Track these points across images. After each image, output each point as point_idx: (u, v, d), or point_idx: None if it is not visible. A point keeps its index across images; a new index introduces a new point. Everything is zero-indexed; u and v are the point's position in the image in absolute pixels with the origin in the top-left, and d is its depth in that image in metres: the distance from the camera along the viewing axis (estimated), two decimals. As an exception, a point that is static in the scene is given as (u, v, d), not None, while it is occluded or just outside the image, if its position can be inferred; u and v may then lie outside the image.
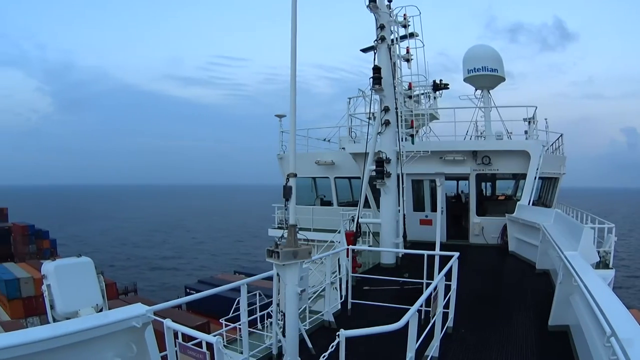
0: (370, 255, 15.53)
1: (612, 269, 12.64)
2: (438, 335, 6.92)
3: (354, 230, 15.05)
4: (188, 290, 29.41)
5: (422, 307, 6.06)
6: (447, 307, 7.89)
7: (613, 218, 18.14)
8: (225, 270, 47.91)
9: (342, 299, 9.93)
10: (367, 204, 17.68)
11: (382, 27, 14.86)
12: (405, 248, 14.64)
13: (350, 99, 20.16)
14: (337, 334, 4.66)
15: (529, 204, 16.71)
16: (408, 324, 5.13)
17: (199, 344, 4.98)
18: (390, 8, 15.25)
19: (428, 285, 6.85)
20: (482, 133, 21.71)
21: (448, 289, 7.95)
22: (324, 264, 9.62)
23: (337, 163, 20.50)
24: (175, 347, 4.98)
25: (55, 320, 5.81)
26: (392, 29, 15.39)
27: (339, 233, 14.96)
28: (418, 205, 18.95)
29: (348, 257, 10.07)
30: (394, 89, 15.09)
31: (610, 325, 4.33)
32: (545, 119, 19.51)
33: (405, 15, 15.70)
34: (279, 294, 6.17)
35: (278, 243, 5.70)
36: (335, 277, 9.99)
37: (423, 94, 19.55)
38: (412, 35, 16.00)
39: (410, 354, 5.35)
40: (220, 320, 8.79)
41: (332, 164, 20.59)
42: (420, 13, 15.75)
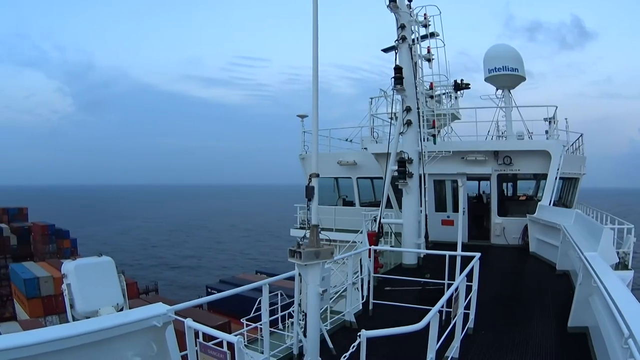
0: (392, 256, 15.43)
1: (631, 270, 12.43)
2: (458, 337, 6.85)
3: (376, 231, 14.92)
4: (209, 290, 29.49)
5: (443, 308, 6.01)
6: (467, 308, 7.82)
7: (632, 219, 17.73)
8: (247, 270, 48.04)
9: (363, 300, 9.86)
10: (389, 204, 17.58)
11: (402, 26, 14.71)
12: (427, 248, 14.47)
13: (372, 99, 20.05)
14: (358, 335, 4.63)
15: (550, 205, 16.49)
16: (429, 325, 5.10)
17: (220, 344, 4.95)
18: (411, 8, 15.08)
19: (449, 286, 6.92)
20: (503, 133, 21.45)
21: (469, 290, 7.83)
22: (346, 264, 9.53)
23: (359, 163, 20.37)
24: (196, 346, 4.93)
25: (75, 319, 5.78)
26: (412, 29, 15.20)
27: (361, 233, 14.80)
28: (440, 206, 18.73)
29: (370, 257, 10.02)
30: (416, 89, 14.93)
31: (629, 327, 4.21)
32: (566, 119, 19.29)
33: (426, 15, 15.53)
34: (301, 294, 6.11)
35: (300, 243, 5.67)
36: (357, 277, 9.93)
37: (444, 94, 19.32)
38: (432, 35, 15.83)
39: (431, 355, 5.31)
40: (242, 320, 8.70)
41: (354, 164, 20.46)
42: (441, 12, 15.62)
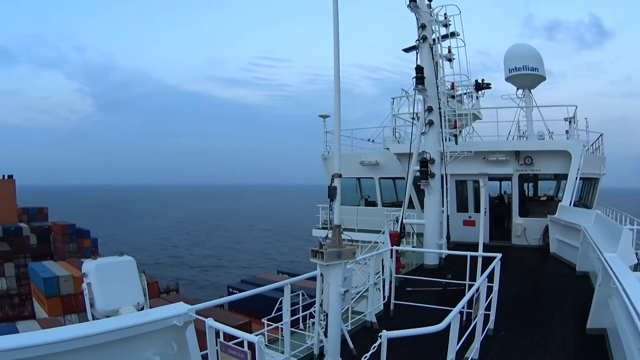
0: (414, 256, 15.38)
1: None
2: (479, 338, 6.80)
3: (398, 231, 14.82)
4: (230, 290, 29.45)
5: (463, 308, 5.94)
6: (488, 309, 7.76)
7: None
8: (268, 270, 48.02)
9: (385, 300, 9.80)
10: (411, 205, 17.46)
11: (423, 26, 14.60)
12: (449, 249, 14.37)
13: (394, 99, 20.01)
14: (379, 335, 4.59)
15: (570, 205, 16.32)
16: (450, 326, 5.07)
17: (241, 344, 4.89)
18: (431, 7, 14.98)
19: (470, 287, 6.85)
20: (524, 133, 21.21)
21: (489, 291, 7.75)
22: (368, 265, 9.44)
23: (381, 163, 20.28)
24: (217, 346, 4.90)
25: (95, 318, 5.77)
26: (433, 29, 15.10)
27: (383, 234, 14.69)
28: (461, 206, 18.55)
29: (392, 258, 9.95)
30: (437, 89, 14.80)
31: None
32: (586, 119, 19.06)
33: (446, 15, 15.41)
34: (322, 294, 6.06)
35: (322, 243, 5.66)
36: (379, 277, 9.86)
37: (466, 94, 19.05)
38: (453, 35, 15.69)
39: (451, 356, 5.27)
40: (262, 320, 8.64)
41: (376, 165, 20.36)
42: (460, 12, 15.47)
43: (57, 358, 3.94)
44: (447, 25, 15.47)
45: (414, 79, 14.43)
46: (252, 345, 4.49)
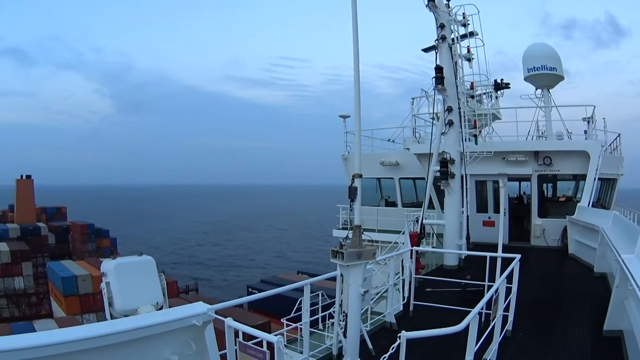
0: (434, 257, 15.20)
1: None
2: (497, 339, 6.75)
3: (418, 232, 14.66)
4: (250, 290, 29.51)
5: (482, 309, 5.91)
6: (506, 310, 7.66)
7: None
8: (287, 270, 47.98)
9: (404, 301, 9.74)
10: (431, 205, 17.27)
11: (442, 26, 14.45)
12: (468, 250, 14.22)
13: (414, 99, 19.83)
14: (398, 336, 4.60)
15: (589, 206, 16.07)
16: (468, 327, 5.07)
17: (259, 343, 4.85)
18: (449, 7, 14.81)
19: (489, 288, 6.86)
20: (543, 133, 20.85)
21: (508, 292, 7.69)
22: (388, 265, 9.34)
23: (401, 164, 20.08)
24: (235, 346, 4.86)
25: (113, 318, 5.73)
26: (452, 28, 14.92)
27: (403, 234, 14.55)
28: (481, 207, 18.30)
29: (412, 258, 9.85)
30: (457, 89, 14.64)
31: None
32: (603, 119, 18.71)
33: (464, 14, 15.24)
34: (342, 295, 5.99)
35: (343, 244, 5.60)
36: (398, 278, 9.81)
37: (485, 94, 18.76)
38: (472, 34, 15.55)
39: (469, 357, 5.28)
40: (282, 320, 8.55)
41: (396, 165, 20.18)
42: (479, 11, 15.32)
43: (75, 357, 3.90)
44: (465, 25, 15.30)
45: (434, 79, 14.29)
46: (271, 345, 4.44)
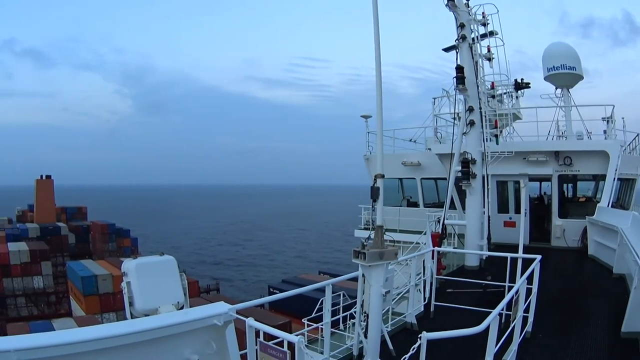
0: (455, 257, 14.99)
1: None
2: (517, 340, 6.67)
3: (440, 232, 14.48)
4: (271, 290, 29.42)
5: (502, 310, 5.84)
6: (526, 311, 7.56)
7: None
8: (308, 271, 47.81)
9: (425, 301, 9.61)
10: (452, 206, 17.03)
11: (462, 25, 14.26)
12: (489, 250, 13.98)
13: (435, 99, 19.59)
14: (418, 336, 4.57)
15: (608, 206, 15.68)
16: (489, 328, 5.02)
17: (280, 343, 4.82)
18: (469, 6, 14.60)
19: (510, 289, 6.80)
20: (563, 133, 20.49)
21: (528, 293, 7.62)
22: (409, 266, 9.18)
23: (423, 164, 19.84)
24: (256, 345, 4.82)
25: (133, 317, 5.73)
26: (472, 28, 14.71)
27: (425, 234, 14.38)
28: (502, 207, 18.00)
29: (433, 259, 9.74)
30: (477, 89, 14.43)
31: None
32: (622, 118, 18.26)
33: (484, 14, 15.02)
34: (364, 295, 5.91)
35: (365, 244, 5.55)
36: (420, 279, 9.67)
37: (506, 94, 18.43)
38: (491, 34, 15.31)
39: (489, 358, 5.22)
40: (303, 320, 8.48)
41: (418, 165, 19.94)
42: (498, 11, 15.10)
43: (94, 356, 3.89)
44: (485, 24, 15.09)
45: (455, 79, 14.12)
46: (291, 345, 4.40)
